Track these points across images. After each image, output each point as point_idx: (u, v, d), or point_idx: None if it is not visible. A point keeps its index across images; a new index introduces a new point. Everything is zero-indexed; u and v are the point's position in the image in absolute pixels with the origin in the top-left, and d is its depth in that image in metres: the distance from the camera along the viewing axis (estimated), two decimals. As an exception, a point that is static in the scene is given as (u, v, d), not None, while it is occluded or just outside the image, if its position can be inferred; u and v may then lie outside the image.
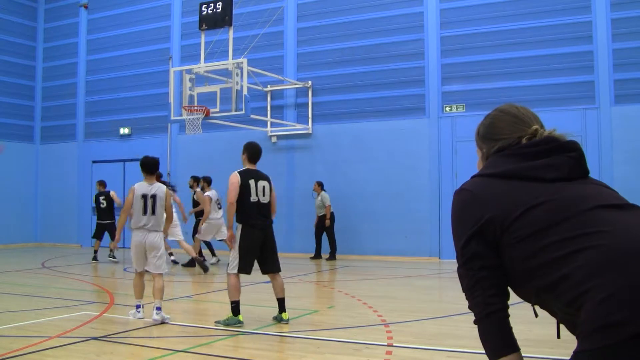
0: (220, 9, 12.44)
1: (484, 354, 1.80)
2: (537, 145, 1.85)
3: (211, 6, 12.56)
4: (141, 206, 6.85)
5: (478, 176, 1.90)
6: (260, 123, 15.30)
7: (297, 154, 15.60)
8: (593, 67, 12.86)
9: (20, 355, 5.14)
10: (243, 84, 12.43)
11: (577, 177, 1.82)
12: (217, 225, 12.34)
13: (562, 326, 1.74)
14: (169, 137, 17.23)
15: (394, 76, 14.58)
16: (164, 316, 6.60)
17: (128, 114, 17.98)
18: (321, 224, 14.18)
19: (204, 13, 12.67)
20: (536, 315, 1.96)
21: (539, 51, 13.26)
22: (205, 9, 12.65)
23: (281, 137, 15.78)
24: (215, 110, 12.68)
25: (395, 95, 14.57)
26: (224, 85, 12.76)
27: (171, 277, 10.73)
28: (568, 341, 1.79)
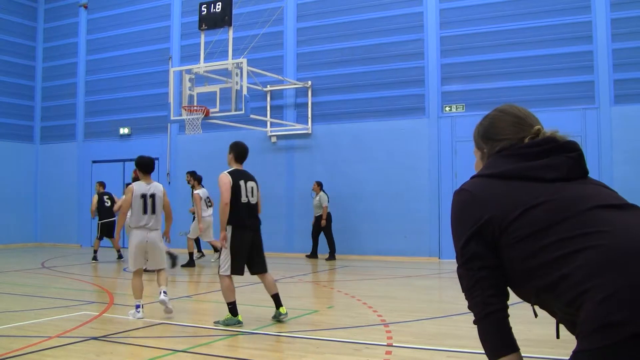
0: (220, 9, 12.43)
1: (483, 354, 1.80)
2: (536, 145, 1.85)
3: (211, 6, 12.57)
4: (141, 206, 6.85)
5: (478, 176, 1.91)
6: (260, 123, 15.30)
7: (297, 154, 15.59)
8: (593, 67, 12.86)
9: (20, 355, 5.14)
10: (243, 84, 12.42)
11: (577, 178, 1.82)
12: (206, 223, 12.37)
13: (561, 326, 1.74)
14: (168, 137, 17.24)
15: (393, 76, 14.57)
16: (168, 300, 6.78)
17: (128, 114, 17.98)
18: (317, 224, 14.19)
19: (203, 13, 12.66)
20: (536, 315, 1.96)
21: (538, 51, 13.26)
22: (205, 9, 12.64)
23: (281, 137, 15.77)
24: (215, 110, 12.68)
25: (395, 95, 14.56)
26: (223, 85, 12.76)
27: (173, 277, 10.71)
28: (568, 341, 1.79)
